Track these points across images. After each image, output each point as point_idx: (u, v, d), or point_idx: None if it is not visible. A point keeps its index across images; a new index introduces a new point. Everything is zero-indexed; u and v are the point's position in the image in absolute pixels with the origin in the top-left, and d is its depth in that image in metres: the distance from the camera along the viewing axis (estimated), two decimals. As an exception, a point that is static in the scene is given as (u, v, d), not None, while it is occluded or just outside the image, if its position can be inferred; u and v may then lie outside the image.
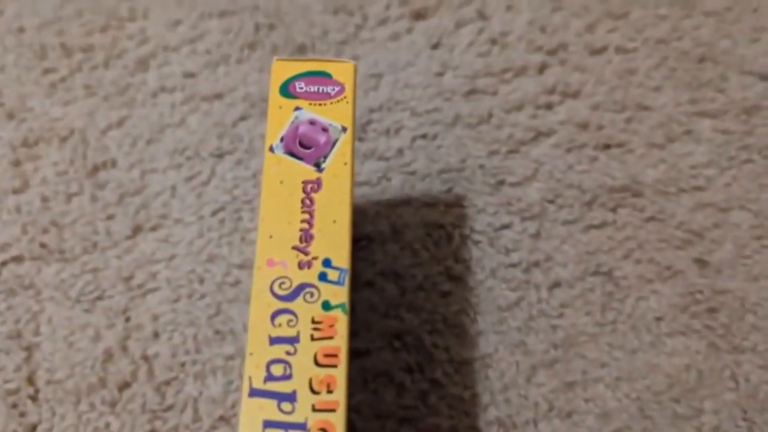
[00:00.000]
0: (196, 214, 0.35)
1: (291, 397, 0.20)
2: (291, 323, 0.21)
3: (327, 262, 0.22)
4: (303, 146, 0.24)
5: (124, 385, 0.32)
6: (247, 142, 0.37)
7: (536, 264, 0.34)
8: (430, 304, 0.33)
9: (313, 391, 0.20)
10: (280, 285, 0.22)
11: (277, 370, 0.21)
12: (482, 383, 0.31)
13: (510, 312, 0.33)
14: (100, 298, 0.33)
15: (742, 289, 0.33)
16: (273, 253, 0.22)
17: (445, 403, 0.31)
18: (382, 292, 0.33)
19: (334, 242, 0.22)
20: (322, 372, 0.21)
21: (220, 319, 0.33)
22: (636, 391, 0.31)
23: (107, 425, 0.31)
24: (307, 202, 0.23)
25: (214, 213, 0.35)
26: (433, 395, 0.31)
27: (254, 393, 0.20)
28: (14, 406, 0.31)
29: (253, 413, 0.20)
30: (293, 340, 0.21)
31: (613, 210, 0.34)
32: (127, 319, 0.33)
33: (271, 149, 0.24)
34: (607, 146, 0.36)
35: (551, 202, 0.35)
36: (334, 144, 0.24)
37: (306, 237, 0.23)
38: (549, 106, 0.37)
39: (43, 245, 0.35)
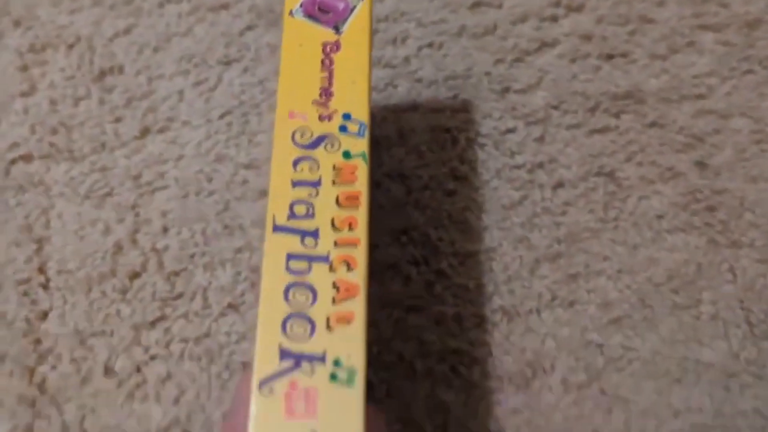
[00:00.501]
0: (203, 117, 0.38)
1: (314, 234, 0.23)
2: (312, 169, 0.24)
3: (347, 116, 0.25)
4: (322, 10, 0.26)
5: (135, 275, 0.34)
6: (254, 50, 0.39)
7: (540, 165, 0.36)
8: (436, 202, 0.36)
9: (336, 229, 0.23)
10: (301, 135, 0.25)
11: (300, 209, 0.23)
12: (486, 275, 0.34)
13: (514, 210, 0.35)
14: (109, 194, 0.36)
15: (740, 189, 0.36)
16: (294, 106, 0.25)
17: (450, 293, 0.34)
18: (389, 192, 0.36)
19: (354, 99, 0.25)
20: (344, 212, 0.23)
21: (228, 215, 0.35)
22: (637, 282, 0.34)
23: (118, 312, 0.34)
24: (327, 62, 0.25)
25: (221, 116, 0.38)
26: (439, 285, 0.34)
27: (278, 229, 0.23)
28: (26, 294, 0.34)
29: (276, 247, 0.23)
30: (315, 184, 0.24)
31: (616, 116, 0.37)
32: (137, 215, 0.35)
33: (291, 14, 0.26)
34: (611, 56, 0.39)
35: (555, 108, 0.37)
36: (352, 10, 0.26)
37: (325, 93, 0.25)
38: (554, 19, 0.40)
39: (51, 144, 0.37)
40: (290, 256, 0.22)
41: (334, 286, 0.22)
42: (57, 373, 0.33)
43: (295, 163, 0.24)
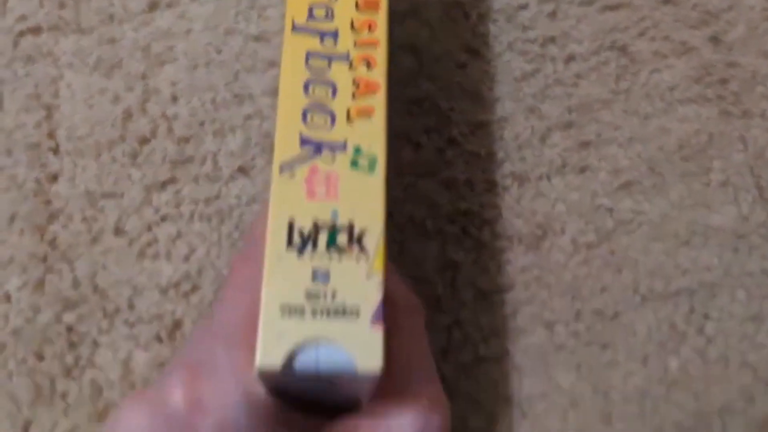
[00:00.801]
0: (213, -7, 0.39)
1: (333, 34, 0.24)
2: None
3: None
4: None
5: (144, 141, 0.35)
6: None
7: (552, 40, 0.37)
8: (448, 74, 0.37)
9: (355, 30, 0.24)
10: None
11: (319, 12, 0.24)
12: (498, 143, 0.35)
13: (526, 81, 0.37)
14: (117, 65, 0.37)
15: (753, 64, 0.37)
16: None
17: (462, 160, 0.35)
18: (400, 63, 0.37)
19: None
20: (363, 16, 0.24)
21: (237, 85, 0.37)
22: (647, 151, 0.35)
23: (129, 175, 0.35)
24: None
25: (231, -9, 0.39)
26: (450, 152, 0.35)
27: (296, 29, 0.24)
28: (36, 157, 0.35)
29: (295, 46, 0.24)
30: None
31: (629, -7, 0.38)
32: (146, 85, 0.37)
33: None
34: (625, -63, 0.40)
35: (568, -15, 0.38)
36: None
37: None
38: None
39: (60, 17, 0.38)
40: (309, 54, 0.23)
41: (354, 82, 0.23)
42: (68, 231, 0.34)
43: None
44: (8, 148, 0.35)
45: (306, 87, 0.23)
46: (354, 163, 0.22)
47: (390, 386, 0.25)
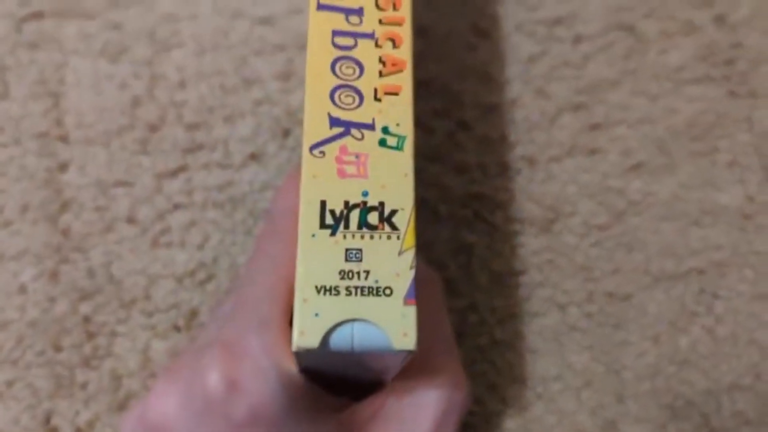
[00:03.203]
0: (217, -25, 0.37)
1: (358, 12, 0.23)
2: None
3: None
4: None
5: (154, 128, 0.35)
6: None
7: (559, 21, 0.37)
8: (456, 56, 0.36)
9: (379, 8, 0.23)
10: None
11: None
12: (508, 126, 0.35)
13: (534, 63, 0.36)
14: (124, 51, 0.36)
15: (758, 44, 0.36)
16: None
17: (473, 143, 0.35)
18: (408, 47, 0.36)
19: None
20: None
21: (246, 70, 0.36)
22: (656, 131, 0.35)
23: (139, 163, 0.34)
24: None
25: (236, -26, 0.37)
26: (461, 136, 0.35)
27: (321, 7, 0.23)
28: (45, 146, 0.34)
29: (321, 24, 0.23)
30: None
31: (636, -28, 0.38)
32: (153, 70, 0.36)
33: None
34: None
35: (575, -35, 0.38)
36: None
37: None
38: None
39: (63, 2, 0.37)
40: (335, 33, 0.23)
41: (380, 60, 0.22)
42: (81, 221, 0.33)
43: None
44: (16, 137, 0.34)
45: (333, 66, 0.22)
46: (382, 142, 0.21)
47: (413, 361, 0.25)
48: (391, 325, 0.20)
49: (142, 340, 0.32)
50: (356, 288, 0.20)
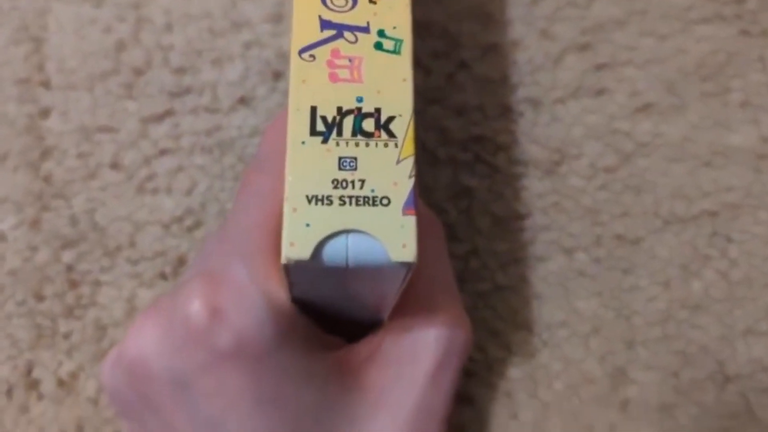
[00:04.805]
0: None
1: None
2: None
3: None
4: None
5: (139, 72, 0.33)
6: None
7: (563, -40, 0.35)
8: (455, -4, 0.35)
9: None
10: None
11: None
12: (510, 67, 0.33)
13: (537, 5, 0.34)
14: (108, -5, 0.35)
15: (772, -19, 0.35)
16: None
17: (473, 84, 0.33)
18: (405, -12, 0.35)
19: None
20: None
21: (235, 12, 0.34)
22: (665, 72, 0.33)
23: (124, 108, 0.33)
24: None
25: None
26: (460, 77, 0.33)
27: None
28: (27, 92, 0.33)
29: None
30: None
31: None
32: (138, 13, 0.34)
33: None
34: None
35: None
36: None
37: None
38: None
39: (44, -55, 0.35)
40: None
41: None
42: (63, 168, 0.32)
43: None
44: (-4, 82, 0.33)
45: None
46: (378, 45, 0.20)
47: (412, 302, 0.24)
48: (389, 236, 0.18)
49: (128, 289, 0.30)
50: (350, 198, 0.18)
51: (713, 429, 0.29)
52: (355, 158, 0.19)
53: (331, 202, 0.18)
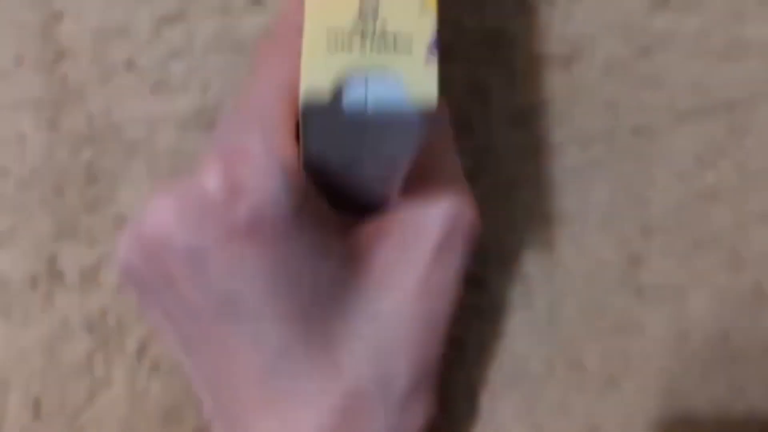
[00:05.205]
0: None
1: None
2: None
3: None
4: None
5: (151, -26, 0.33)
6: None
7: None
8: None
9: None
10: None
11: None
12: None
13: None
14: None
15: None
16: None
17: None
18: None
19: None
20: None
21: None
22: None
23: (136, 10, 0.33)
24: None
25: None
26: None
27: None
28: (37, -6, 0.33)
29: None
30: None
31: None
32: None
33: None
34: None
35: None
36: None
37: None
38: None
39: None
40: None
41: None
42: (78, 70, 0.32)
43: None
44: (8, -15, 0.33)
45: None
46: None
47: (418, 187, 0.24)
48: (411, 80, 0.18)
49: (146, 186, 0.31)
50: (371, 43, 0.18)
51: (726, 314, 0.29)
52: (377, 4, 0.19)
53: (351, 47, 0.18)
